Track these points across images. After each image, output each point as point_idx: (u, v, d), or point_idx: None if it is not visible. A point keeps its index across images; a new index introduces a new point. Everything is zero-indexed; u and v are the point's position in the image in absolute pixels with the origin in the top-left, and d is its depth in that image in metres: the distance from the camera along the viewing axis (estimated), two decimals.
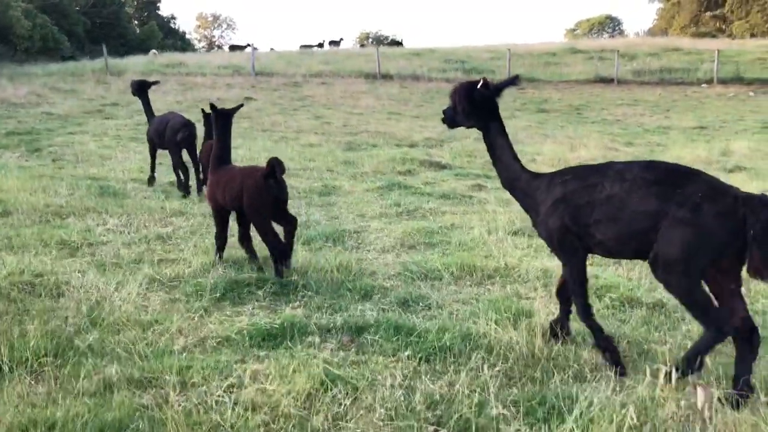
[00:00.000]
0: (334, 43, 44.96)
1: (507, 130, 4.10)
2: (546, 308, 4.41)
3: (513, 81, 4.21)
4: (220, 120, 5.78)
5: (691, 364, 3.36)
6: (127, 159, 11.66)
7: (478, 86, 3.98)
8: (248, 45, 29.55)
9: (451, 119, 4.20)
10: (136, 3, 64.38)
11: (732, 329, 3.32)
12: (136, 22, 62.67)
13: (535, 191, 3.91)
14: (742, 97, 25.66)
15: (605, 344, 3.71)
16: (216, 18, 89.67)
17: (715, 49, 35.43)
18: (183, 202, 8.23)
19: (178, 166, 9.06)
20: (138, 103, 10.70)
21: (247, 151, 12.78)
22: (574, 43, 41.72)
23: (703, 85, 28.11)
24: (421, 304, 4.63)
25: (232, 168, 5.65)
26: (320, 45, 44.05)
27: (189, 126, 9.17)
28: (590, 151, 13.08)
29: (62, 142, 13.74)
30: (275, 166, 5.03)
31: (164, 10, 70.70)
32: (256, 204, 5.14)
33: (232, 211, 5.59)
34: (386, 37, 78.25)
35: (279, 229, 5.32)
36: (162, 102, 20.23)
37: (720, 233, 3.23)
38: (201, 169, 9.02)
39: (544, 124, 18.86)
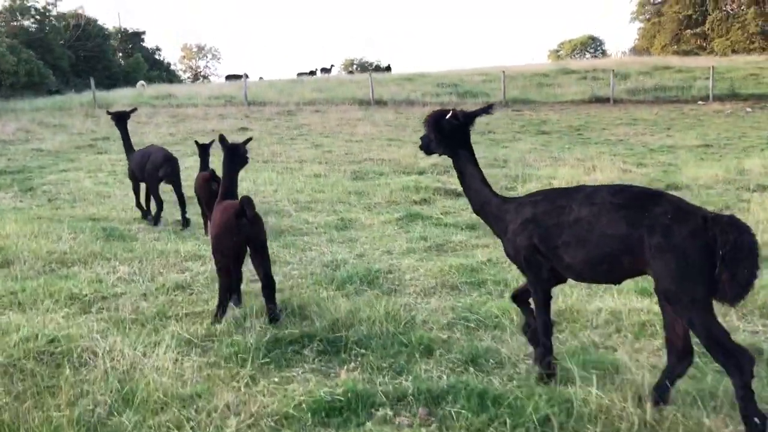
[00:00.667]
0: (326, 70, 44.81)
1: (512, 151, 3.99)
2: (635, 361, 3.89)
3: (486, 110, 4.26)
4: (229, 154, 5.45)
5: (751, 419, 3.10)
6: (126, 196, 11.05)
7: (447, 116, 4.07)
8: (245, 75, 29.14)
9: (426, 146, 4.29)
10: (120, 35, 64.03)
11: (753, 366, 3.15)
12: (120, 54, 62.31)
13: (505, 214, 3.95)
14: (740, 114, 25.54)
15: (547, 366, 3.81)
16: (201, 48, 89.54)
17: (705, 66, 35.64)
18: (196, 243, 7.66)
19: (155, 198, 8.95)
20: (131, 137, 10.30)
21: (252, 183, 12.27)
22: (565, 64, 41.77)
23: (699, 103, 28.02)
24: (491, 360, 4.09)
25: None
26: (312, 73, 43.83)
27: (171, 161, 8.96)
28: (606, 173, 12.66)
29: (56, 179, 13.15)
30: (245, 205, 4.68)
31: (149, 42, 70.11)
32: (221, 243, 4.84)
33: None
34: (371, 64, 78.42)
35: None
36: (155, 134, 19.74)
37: (695, 253, 3.18)
38: (200, 204, 8.46)
39: (548, 146, 18.49)
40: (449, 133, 4.10)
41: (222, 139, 5.50)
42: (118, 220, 9.26)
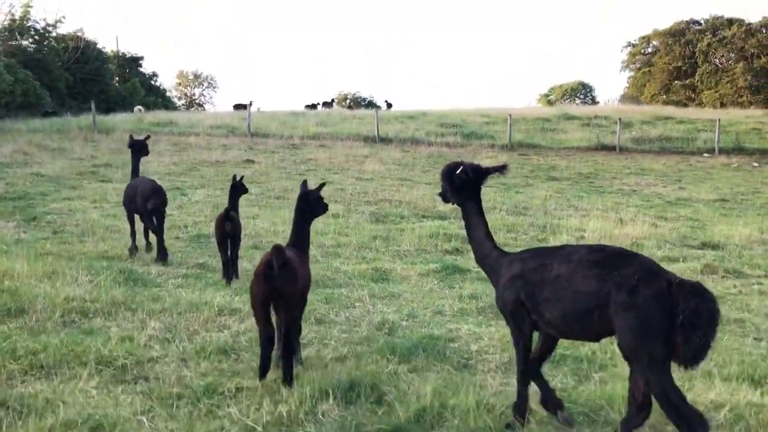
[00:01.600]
0: (327, 104, 44.53)
1: (528, 198, 4.22)
2: None
3: (500, 169, 4.41)
4: (301, 201, 5.15)
5: None
6: (138, 231, 10.39)
7: (458, 171, 4.26)
8: (251, 103, 28.66)
9: (443, 196, 4.52)
10: (117, 60, 63.60)
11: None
12: (117, 78, 61.77)
13: (500, 268, 4.09)
14: (747, 168, 25.40)
15: (522, 411, 3.96)
16: (197, 76, 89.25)
17: (706, 118, 35.78)
18: (226, 292, 6.99)
19: (154, 231, 8.71)
20: None
21: (270, 224, 11.62)
22: (566, 109, 41.82)
23: (705, 155, 27.88)
24: None
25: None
26: (314, 106, 43.52)
27: (159, 193, 8.76)
28: (637, 227, 12.18)
29: (59, 209, 12.44)
30: (274, 254, 4.40)
31: (146, 68, 69.62)
32: (252, 290, 4.62)
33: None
34: (364, 99, 78.38)
35: None
36: (158, 163, 19.08)
37: (657, 315, 3.28)
38: (221, 249, 7.77)
39: (562, 193, 18.05)
40: (460, 185, 4.29)
41: (304, 184, 5.27)
42: (133, 260, 8.57)
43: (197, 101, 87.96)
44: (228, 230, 7.57)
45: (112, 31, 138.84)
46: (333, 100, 44.63)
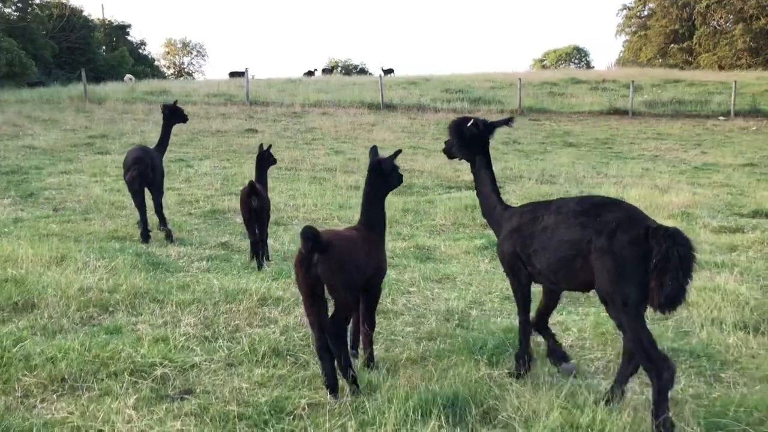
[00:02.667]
0: (327, 71, 43.06)
1: (551, 165, 5.14)
2: None
3: (506, 122, 4.44)
4: (375, 174, 4.36)
5: (660, 422, 3.25)
6: (151, 208, 9.49)
7: (468, 124, 4.28)
8: (247, 70, 27.17)
9: (448, 150, 4.51)
10: (104, 28, 61.64)
11: (673, 375, 3.34)
12: (104, 47, 59.87)
13: (502, 221, 4.16)
14: (766, 131, 24.57)
15: (524, 359, 4.04)
16: (186, 45, 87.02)
17: (717, 80, 34.85)
18: (262, 277, 6.13)
19: (137, 207, 7.73)
20: (132, 136, 8.82)
21: (287, 197, 10.73)
22: (573, 73, 40.67)
23: (720, 118, 27.01)
24: None
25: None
26: (311, 73, 42.07)
27: (139, 162, 7.63)
28: (680, 195, 11.36)
29: (57, 183, 11.48)
30: (303, 237, 3.61)
31: (134, 36, 67.62)
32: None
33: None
34: (355, 66, 76.63)
35: None
36: (156, 133, 18.00)
37: (632, 260, 3.32)
38: (249, 228, 6.84)
39: (584, 160, 17.19)
40: (469, 139, 4.32)
41: (374, 150, 4.52)
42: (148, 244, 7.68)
43: (186, 70, 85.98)
44: (255, 206, 6.66)
45: None
46: (333, 68, 43.00)
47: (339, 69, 73.98)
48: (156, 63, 74.20)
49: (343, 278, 3.69)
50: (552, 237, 3.66)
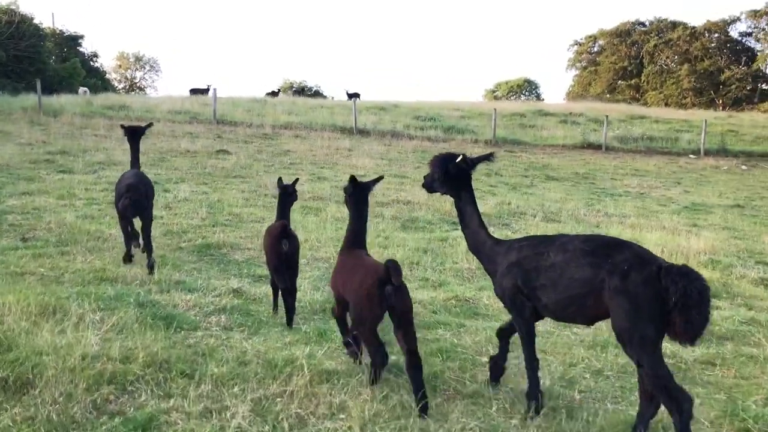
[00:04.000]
0: (297, 92, 41.89)
1: (543, 200, 6.78)
2: None
3: (488, 157, 4.50)
4: (357, 194, 4.78)
5: None
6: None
7: (457, 161, 4.30)
8: (208, 87, 25.77)
9: (429, 185, 4.54)
10: (54, 38, 59.08)
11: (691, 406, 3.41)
12: (53, 58, 57.24)
13: (496, 256, 4.19)
14: (737, 171, 24.77)
15: (534, 397, 4.04)
16: (139, 59, 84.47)
17: (681, 118, 35.42)
18: (294, 337, 5.09)
19: (125, 235, 7.42)
20: (95, 154, 7.83)
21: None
22: (541, 106, 40.75)
23: (691, 156, 27.18)
24: None
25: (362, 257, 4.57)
26: (275, 93, 40.85)
27: (133, 190, 7.10)
28: (700, 240, 10.81)
29: (20, 206, 10.14)
30: (392, 271, 4.00)
31: (86, 47, 64.98)
32: (362, 313, 4.14)
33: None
34: (310, 88, 75.62)
35: None
36: (122, 152, 16.64)
37: (647, 299, 3.41)
38: (278, 276, 5.83)
39: (573, 195, 16.65)
40: (455, 175, 4.34)
41: (352, 180, 4.75)
42: (142, 281, 6.54)
43: (138, 84, 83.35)
44: (286, 250, 5.65)
45: (47, 6, 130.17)
46: (303, 88, 41.87)
47: (293, 90, 72.79)
48: (107, 76, 71.65)
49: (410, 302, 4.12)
50: (562, 275, 3.71)
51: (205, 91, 35.19)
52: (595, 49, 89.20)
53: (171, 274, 6.85)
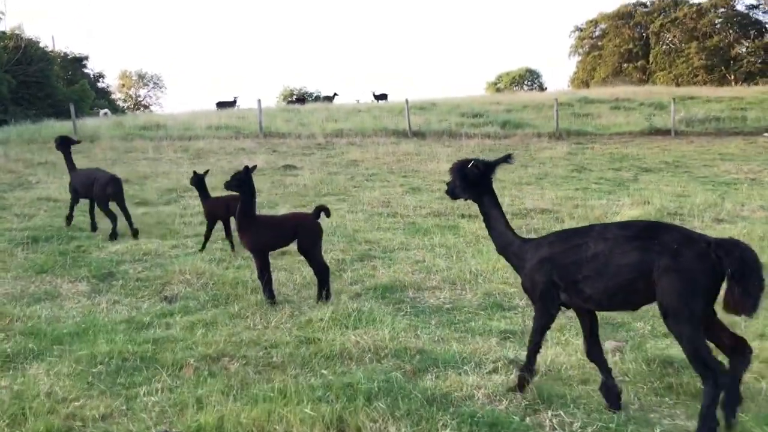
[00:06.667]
0: (328, 98, 40.23)
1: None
2: None
3: (506, 159, 4.53)
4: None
5: (707, 423, 3.46)
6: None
7: (469, 165, 4.41)
8: (235, 99, 24.29)
9: (452, 192, 4.59)
10: (60, 60, 57.46)
11: (727, 379, 3.50)
12: (60, 81, 55.67)
13: (524, 253, 4.21)
14: None
15: (527, 376, 4.21)
16: (141, 76, 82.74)
17: (731, 95, 33.76)
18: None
19: (107, 214, 9.60)
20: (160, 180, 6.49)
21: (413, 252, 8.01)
22: (586, 93, 39.05)
23: (765, 134, 25.51)
24: None
25: None
26: (301, 100, 39.21)
27: (116, 181, 9.76)
28: None
29: (128, 252, 8.49)
30: None
31: (91, 68, 63.45)
32: None
33: None
34: (311, 94, 73.73)
35: None
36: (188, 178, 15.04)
37: (701, 274, 3.44)
38: None
39: (686, 189, 14.93)
40: (473, 180, 4.41)
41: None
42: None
43: (143, 102, 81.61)
44: None
45: (49, 29, 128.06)
46: (335, 94, 40.18)
47: (294, 97, 70.96)
48: (112, 96, 70.07)
49: None
50: (607, 263, 3.70)
51: (232, 104, 33.59)
52: (597, 34, 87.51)
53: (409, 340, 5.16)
